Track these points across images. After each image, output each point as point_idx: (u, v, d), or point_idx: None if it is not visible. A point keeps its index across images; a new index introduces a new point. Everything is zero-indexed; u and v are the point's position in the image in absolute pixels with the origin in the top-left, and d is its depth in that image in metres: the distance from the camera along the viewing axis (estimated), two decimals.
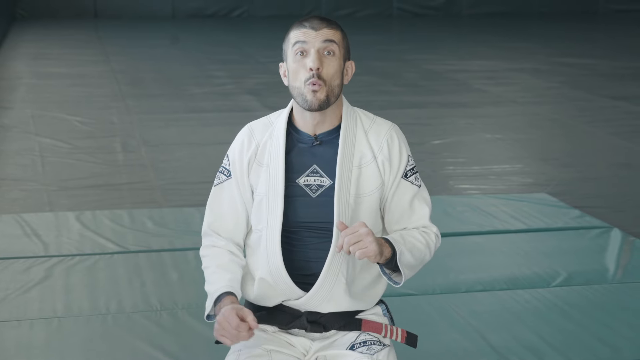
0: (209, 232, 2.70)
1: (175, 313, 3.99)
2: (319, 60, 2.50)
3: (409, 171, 2.62)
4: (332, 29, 2.54)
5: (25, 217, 5.30)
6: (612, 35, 16.08)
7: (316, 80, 2.49)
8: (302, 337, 2.61)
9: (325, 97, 2.51)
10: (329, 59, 2.52)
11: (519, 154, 7.36)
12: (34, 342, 3.74)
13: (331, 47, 2.52)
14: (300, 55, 2.52)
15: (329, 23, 2.55)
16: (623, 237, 4.97)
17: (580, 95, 9.95)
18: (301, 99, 2.53)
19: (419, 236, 2.58)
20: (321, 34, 2.52)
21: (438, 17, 18.82)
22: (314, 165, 2.58)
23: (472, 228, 5.16)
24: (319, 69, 2.49)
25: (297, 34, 2.53)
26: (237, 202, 2.64)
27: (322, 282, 2.55)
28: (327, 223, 2.55)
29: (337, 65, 2.53)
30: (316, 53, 2.50)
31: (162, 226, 5.16)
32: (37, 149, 7.22)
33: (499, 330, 3.82)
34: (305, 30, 2.52)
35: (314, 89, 2.49)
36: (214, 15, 18.34)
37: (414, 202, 2.62)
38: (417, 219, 2.62)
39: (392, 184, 2.60)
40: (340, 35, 2.56)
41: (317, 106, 2.51)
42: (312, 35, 2.51)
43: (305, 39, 2.51)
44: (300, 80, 2.52)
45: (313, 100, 2.50)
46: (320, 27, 2.52)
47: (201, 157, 7.08)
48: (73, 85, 10.42)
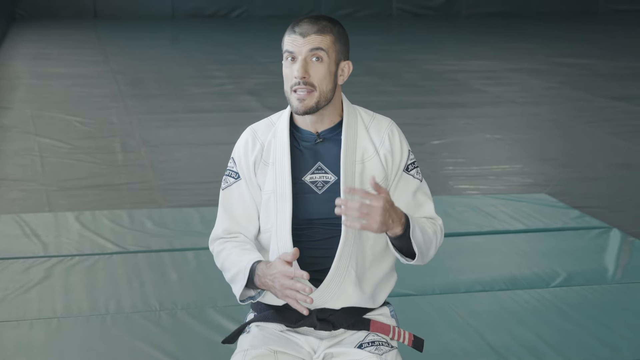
0: (220, 234, 2.69)
1: (175, 313, 3.99)
2: (304, 68, 2.53)
3: (410, 165, 2.67)
4: (320, 35, 2.54)
5: (25, 217, 5.30)
6: (611, 36, 16.08)
7: (302, 86, 2.53)
8: (310, 336, 2.61)
9: (315, 103, 2.55)
10: (317, 64, 2.54)
11: (518, 154, 7.36)
12: (34, 342, 3.74)
13: (318, 54, 2.54)
14: (290, 61, 2.56)
15: (319, 28, 2.55)
16: (622, 238, 4.97)
17: (579, 95, 9.95)
18: (291, 105, 2.58)
19: (429, 224, 2.61)
20: (308, 41, 2.53)
21: (438, 17, 18.82)
22: (319, 162, 2.62)
23: (472, 228, 5.17)
24: (304, 77, 2.52)
25: (287, 41, 2.56)
26: (249, 202, 2.66)
27: (332, 276, 2.56)
28: (334, 219, 2.57)
29: (325, 70, 2.55)
30: (302, 61, 2.53)
31: (162, 226, 5.16)
32: (37, 149, 7.22)
33: (498, 331, 3.82)
34: (295, 37, 2.55)
35: (299, 97, 2.54)
36: (213, 16, 18.34)
37: (417, 195, 2.66)
38: (423, 212, 2.66)
39: (394, 176, 2.64)
40: (331, 39, 2.56)
41: (302, 112, 2.56)
42: (299, 42, 2.54)
43: (293, 49, 2.55)
44: (289, 85, 2.57)
45: (299, 106, 2.55)
46: (309, 34, 2.54)
47: (200, 157, 7.08)
48: (72, 86, 10.42)
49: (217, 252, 2.70)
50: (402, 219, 2.48)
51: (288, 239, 2.57)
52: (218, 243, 2.70)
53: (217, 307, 4.02)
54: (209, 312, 3.98)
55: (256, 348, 2.54)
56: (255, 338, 2.59)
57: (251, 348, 2.55)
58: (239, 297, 2.61)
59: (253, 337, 2.60)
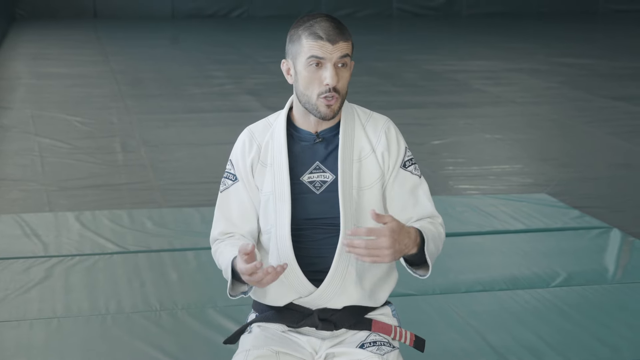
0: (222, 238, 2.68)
1: (175, 313, 3.99)
2: (338, 77, 2.52)
3: (407, 161, 2.66)
4: (346, 42, 2.53)
5: (25, 217, 5.30)
6: (611, 36, 16.08)
7: (332, 93, 2.51)
8: (312, 337, 2.61)
9: (339, 107, 2.56)
10: (343, 70, 2.54)
11: (519, 154, 7.36)
12: (34, 342, 3.74)
13: (345, 61, 2.54)
14: (315, 67, 2.52)
15: (343, 34, 2.53)
16: (622, 238, 4.97)
17: (579, 95, 9.95)
18: (312, 109, 2.55)
19: (432, 228, 2.58)
20: (338, 48, 2.51)
21: (438, 17, 18.82)
22: (317, 162, 2.61)
23: (472, 228, 5.17)
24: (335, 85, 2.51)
25: (312, 46, 2.51)
26: (247, 205, 2.65)
27: (332, 275, 2.56)
28: (333, 218, 2.57)
29: (349, 75, 2.56)
30: (333, 69, 2.51)
31: (162, 226, 5.16)
32: (37, 149, 7.22)
33: (498, 331, 3.83)
34: (323, 44, 2.50)
35: (328, 104, 2.52)
36: (213, 16, 18.34)
37: (415, 191, 2.65)
38: (422, 209, 2.64)
39: (391, 173, 2.63)
40: (351, 44, 2.56)
41: (331, 117, 2.56)
42: (329, 49, 2.51)
43: (323, 55, 2.50)
44: (313, 91, 2.53)
45: (327, 112, 2.54)
46: (337, 40, 2.51)
47: (200, 157, 7.08)
48: (72, 86, 10.42)
49: (213, 252, 2.70)
50: (417, 238, 2.46)
51: (287, 239, 2.57)
52: (214, 245, 2.70)
53: (217, 307, 4.02)
54: (209, 312, 3.98)
55: (258, 348, 2.54)
56: (257, 338, 2.59)
57: (253, 348, 2.55)
58: (229, 292, 2.58)
59: (255, 337, 2.60)
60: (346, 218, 2.56)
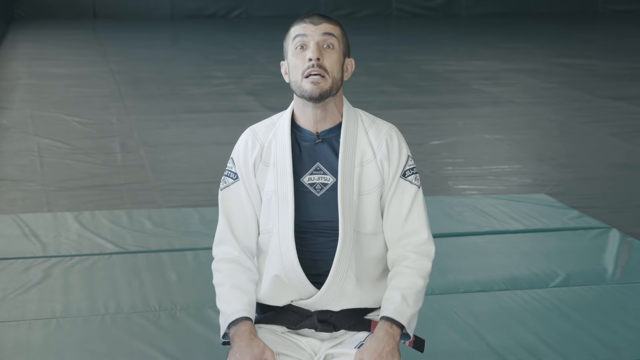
0: (223, 239, 2.68)
1: (174, 313, 3.99)
2: (319, 51, 2.53)
3: (408, 171, 2.64)
4: (331, 24, 2.58)
5: (24, 217, 5.30)
6: (610, 36, 16.08)
7: (316, 69, 2.52)
8: (312, 338, 2.61)
9: (329, 87, 2.54)
10: (329, 51, 2.55)
11: (518, 154, 7.36)
12: (33, 342, 3.74)
13: (330, 40, 2.55)
14: (300, 49, 2.55)
15: (329, 19, 2.59)
16: (622, 238, 4.97)
17: (578, 95, 9.95)
18: (300, 91, 2.55)
19: (409, 294, 2.59)
20: (321, 27, 2.56)
21: (437, 17, 18.82)
22: (317, 163, 2.61)
23: (471, 228, 5.16)
24: (319, 59, 2.52)
25: (297, 29, 2.57)
26: (246, 204, 2.65)
27: (332, 279, 2.56)
28: (332, 222, 2.57)
29: (337, 57, 2.56)
30: (316, 45, 2.54)
31: (161, 226, 5.16)
32: (36, 149, 7.22)
33: (498, 331, 3.82)
34: (305, 25, 2.56)
35: (313, 80, 2.51)
36: (212, 16, 18.33)
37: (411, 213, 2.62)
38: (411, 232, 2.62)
39: (391, 182, 2.62)
40: (340, 30, 2.59)
41: (318, 94, 2.53)
42: (311, 28, 2.55)
43: (305, 32, 2.55)
44: (299, 73, 2.54)
45: (314, 89, 2.52)
46: (320, 22, 2.57)
47: (200, 157, 7.08)
48: (72, 86, 10.42)
49: (214, 269, 2.69)
50: (397, 338, 2.52)
51: (291, 240, 2.57)
52: (215, 258, 2.68)
53: (216, 307, 4.00)
54: (208, 312, 3.97)
55: None
56: None
57: None
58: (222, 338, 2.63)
59: None
60: (345, 222, 2.55)
